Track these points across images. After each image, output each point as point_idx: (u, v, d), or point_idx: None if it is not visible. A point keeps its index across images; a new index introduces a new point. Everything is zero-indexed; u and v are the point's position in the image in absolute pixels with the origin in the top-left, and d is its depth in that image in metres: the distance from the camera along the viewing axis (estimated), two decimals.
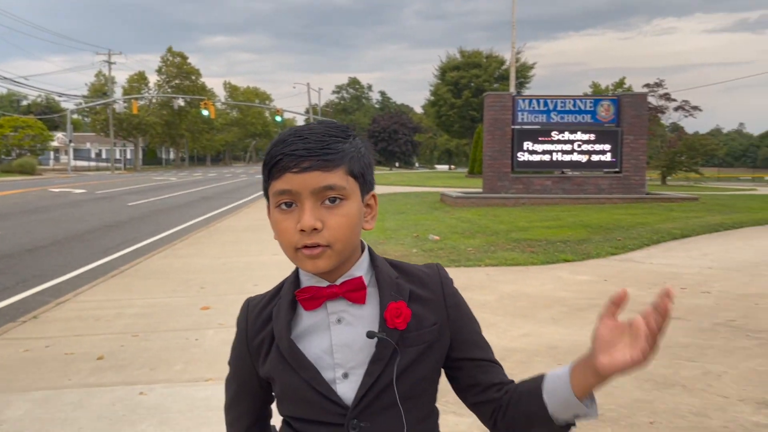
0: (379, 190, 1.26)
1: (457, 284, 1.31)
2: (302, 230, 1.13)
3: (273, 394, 1.32)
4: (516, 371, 4.70)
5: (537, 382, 1.20)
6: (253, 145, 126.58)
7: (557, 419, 1.16)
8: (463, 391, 1.30)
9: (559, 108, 19.23)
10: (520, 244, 10.79)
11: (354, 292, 1.20)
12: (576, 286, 7.64)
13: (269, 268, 8.95)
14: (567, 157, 19.14)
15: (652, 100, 33.18)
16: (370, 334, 1.17)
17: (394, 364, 1.18)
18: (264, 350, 1.25)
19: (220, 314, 6.39)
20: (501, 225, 13.41)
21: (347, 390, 1.18)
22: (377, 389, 1.18)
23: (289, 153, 1.14)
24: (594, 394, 1.13)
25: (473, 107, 58.39)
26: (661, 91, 34.44)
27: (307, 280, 1.23)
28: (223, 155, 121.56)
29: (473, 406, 1.30)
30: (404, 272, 1.27)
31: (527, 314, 6.35)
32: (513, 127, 19.11)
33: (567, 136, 19.10)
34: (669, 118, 35.69)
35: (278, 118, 58.53)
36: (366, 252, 1.25)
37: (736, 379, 4.46)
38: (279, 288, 1.30)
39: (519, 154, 19.10)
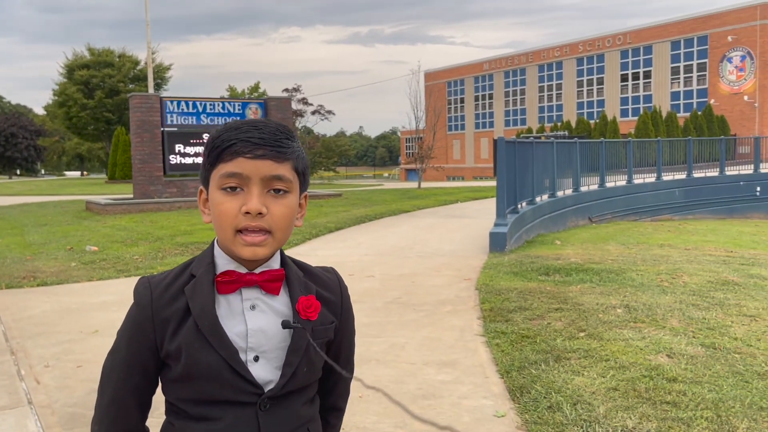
0: (4, 201, 1.23)
1: (130, 294, 1.37)
2: (247, 213, 1.17)
3: (163, 379, 1.28)
4: None
5: None
6: None
7: None
8: None
9: (208, 110, 19.28)
10: (188, 248, 10.63)
11: (272, 283, 1.25)
12: None
13: None
14: None
15: (293, 104, 35.24)
16: (286, 324, 1.23)
17: (308, 353, 1.26)
18: (173, 325, 1.22)
19: None
20: (163, 230, 13.00)
21: (258, 372, 1.23)
22: (296, 377, 1.25)
23: (244, 139, 1.19)
24: None
25: (108, 108, 54.92)
26: (299, 96, 36.84)
27: (225, 264, 1.24)
28: None
29: None
30: (309, 273, 1.34)
31: None
32: (162, 129, 18.58)
33: None
34: (307, 121, 38.36)
35: None
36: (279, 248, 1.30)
37: (416, 347, 5.12)
38: (183, 268, 1.27)
39: (171, 157, 18.64)
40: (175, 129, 18.80)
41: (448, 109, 62.72)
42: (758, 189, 22.48)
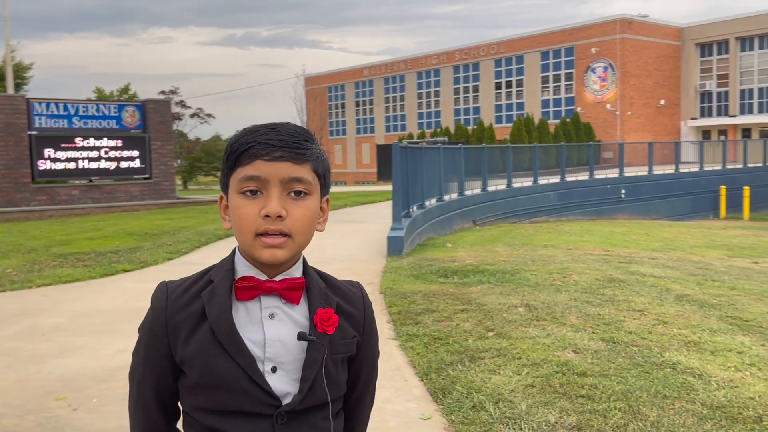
0: None
1: (10, 311, 1.33)
2: (267, 216, 1.14)
3: (180, 387, 1.23)
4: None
5: None
6: None
7: None
8: None
9: (81, 113, 18.24)
10: (67, 259, 9.96)
11: (292, 291, 1.21)
12: (149, 295, 7.44)
13: None
14: (94, 165, 18.29)
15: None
16: (301, 336, 1.18)
17: (328, 368, 1.21)
18: (186, 330, 1.18)
19: None
20: (35, 241, 12.11)
21: (276, 383, 1.19)
22: (313, 392, 1.20)
23: (262, 141, 1.16)
24: None
25: None
26: (177, 99, 35.57)
27: (245, 271, 1.20)
28: None
29: None
30: (331, 285, 1.29)
31: (113, 330, 5.98)
32: (30, 132, 17.37)
33: (93, 142, 18.24)
34: (185, 125, 37.13)
35: None
36: (301, 257, 1.25)
37: None
38: (202, 274, 1.23)
39: (40, 163, 17.47)
40: (45, 132, 17.64)
41: (329, 114, 62.85)
42: (623, 191, 24.16)
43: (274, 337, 1.19)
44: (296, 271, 1.23)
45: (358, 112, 62.10)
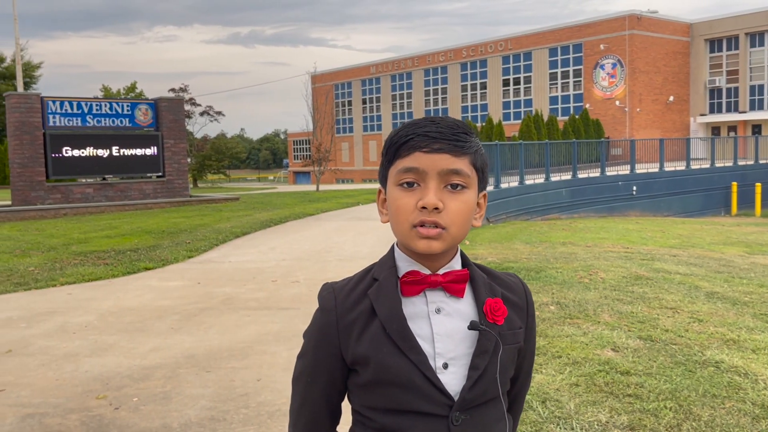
0: None
1: (38, 309, 1.30)
2: (424, 207, 1.14)
3: (351, 385, 1.25)
4: (168, 387, 4.44)
5: None
6: None
7: None
8: None
9: (95, 111, 18.26)
10: (88, 258, 9.97)
11: (456, 284, 1.20)
12: (175, 293, 7.46)
13: None
14: (108, 163, 18.31)
15: None
16: (473, 325, 1.17)
17: (497, 357, 1.19)
18: (357, 329, 1.20)
19: None
20: (54, 239, 12.13)
21: (448, 380, 1.18)
22: (483, 383, 1.18)
23: (421, 134, 1.17)
24: None
25: None
26: (187, 96, 35.58)
27: (407, 266, 1.19)
28: None
29: None
30: (492, 276, 1.29)
31: (143, 328, 5.97)
32: (45, 131, 17.40)
33: (106, 140, 18.25)
34: (195, 123, 37.11)
35: None
36: (459, 250, 1.26)
37: None
38: (365, 273, 1.24)
39: (54, 161, 17.49)
40: (59, 131, 17.66)
41: (335, 112, 62.78)
42: (634, 188, 24.05)
43: (442, 332, 1.18)
44: (457, 264, 1.23)
45: (365, 109, 62.03)
